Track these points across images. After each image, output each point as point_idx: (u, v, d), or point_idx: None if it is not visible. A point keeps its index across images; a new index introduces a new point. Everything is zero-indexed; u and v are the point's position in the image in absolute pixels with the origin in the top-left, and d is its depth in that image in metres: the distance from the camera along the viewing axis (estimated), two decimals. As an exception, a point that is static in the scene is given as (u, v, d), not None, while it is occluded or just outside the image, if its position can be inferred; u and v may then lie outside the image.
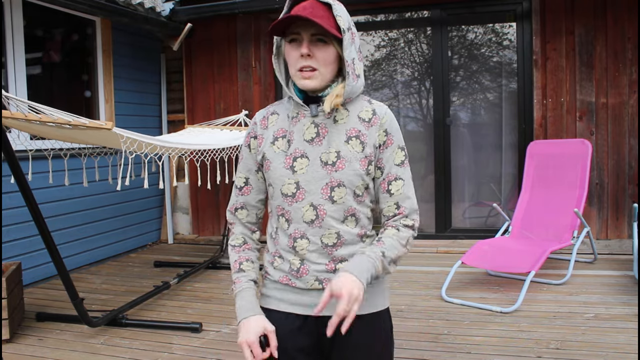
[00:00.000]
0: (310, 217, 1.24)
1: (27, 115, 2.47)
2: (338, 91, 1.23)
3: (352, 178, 1.23)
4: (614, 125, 4.59)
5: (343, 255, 1.25)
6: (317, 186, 1.23)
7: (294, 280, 1.27)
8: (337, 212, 1.24)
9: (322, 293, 1.23)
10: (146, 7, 4.73)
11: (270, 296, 1.32)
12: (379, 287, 1.31)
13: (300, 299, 1.28)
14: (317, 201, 1.23)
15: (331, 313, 1.22)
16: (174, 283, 3.84)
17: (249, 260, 1.33)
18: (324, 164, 1.23)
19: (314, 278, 1.26)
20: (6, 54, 3.84)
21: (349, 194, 1.24)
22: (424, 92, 5.27)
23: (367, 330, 1.28)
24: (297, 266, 1.26)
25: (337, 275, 1.15)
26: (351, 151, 1.23)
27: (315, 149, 1.24)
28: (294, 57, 1.21)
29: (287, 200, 1.25)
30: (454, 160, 5.12)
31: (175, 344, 2.89)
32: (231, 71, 5.47)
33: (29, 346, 2.88)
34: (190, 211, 5.69)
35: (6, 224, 3.80)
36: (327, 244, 1.24)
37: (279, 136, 1.28)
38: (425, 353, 2.66)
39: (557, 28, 4.66)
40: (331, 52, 1.22)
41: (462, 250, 4.35)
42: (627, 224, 4.60)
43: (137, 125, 5.01)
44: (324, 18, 1.18)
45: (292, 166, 1.24)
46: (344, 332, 1.11)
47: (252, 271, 1.32)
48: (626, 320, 2.97)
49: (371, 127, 1.26)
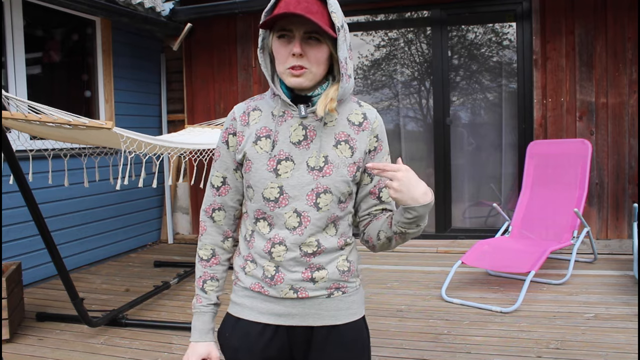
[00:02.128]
0: (293, 223, 1.17)
1: (27, 116, 2.47)
2: (332, 94, 1.16)
3: (339, 185, 1.17)
4: (614, 125, 4.59)
5: (321, 263, 1.19)
6: (303, 192, 1.16)
7: (267, 288, 1.20)
8: (321, 220, 1.17)
9: (296, 302, 1.20)
10: (146, 7, 4.73)
11: (240, 304, 1.25)
12: (356, 295, 1.26)
13: (272, 307, 1.21)
14: (302, 207, 1.16)
15: (303, 323, 1.21)
16: (174, 283, 3.84)
17: (214, 279, 1.27)
18: (310, 169, 1.16)
19: (289, 287, 1.19)
20: (6, 54, 3.84)
21: (334, 201, 1.17)
22: (424, 92, 5.27)
23: (343, 342, 1.22)
24: (271, 273, 1.19)
25: None
26: (339, 156, 1.17)
27: (302, 153, 1.17)
28: (284, 54, 1.13)
29: (269, 205, 1.18)
30: (454, 160, 5.12)
31: (175, 344, 2.89)
32: (231, 71, 5.47)
33: (29, 346, 2.88)
34: (190, 211, 5.69)
35: (6, 224, 3.80)
36: (306, 252, 1.18)
37: (262, 135, 1.19)
38: (425, 353, 2.66)
39: (557, 28, 4.66)
40: (324, 51, 1.14)
41: (462, 250, 4.36)
42: (627, 224, 4.60)
43: (137, 125, 5.01)
44: (318, 15, 1.09)
45: (276, 169, 1.16)
46: (370, 167, 1.07)
47: (214, 292, 1.28)
48: (626, 320, 2.97)
49: (362, 131, 1.20)
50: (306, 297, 1.20)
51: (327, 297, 1.21)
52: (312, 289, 1.20)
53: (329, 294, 1.21)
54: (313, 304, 1.21)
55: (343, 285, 1.23)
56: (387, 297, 3.55)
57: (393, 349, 2.70)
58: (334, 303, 1.22)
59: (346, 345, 1.22)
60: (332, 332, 1.21)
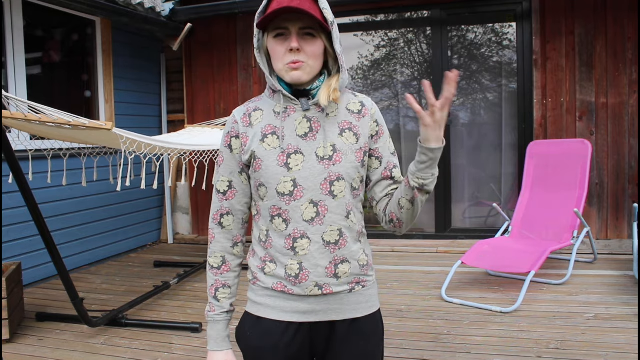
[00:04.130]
0: (311, 214, 1.18)
1: (27, 115, 2.47)
2: (334, 85, 1.20)
3: (350, 171, 1.20)
4: (614, 125, 4.59)
5: (344, 256, 1.21)
6: (316, 182, 1.18)
7: (291, 287, 1.21)
8: (339, 207, 1.20)
9: (320, 299, 1.22)
10: (146, 7, 4.73)
11: (261, 303, 1.25)
12: (373, 288, 1.30)
13: (296, 305, 1.22)
14: (318, 197, 1.19)
15: (326, 318, 1.23)
16: (174, 283, 3.84)
17: (226, 286, 1.28)
18: (320, 159, 1.19)
19: (314, 284, 1.20)
20: (6, 54, 3.84)
21: (347, 188, 1.21)
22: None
23: (363, 334, 1.25)
24: (295, 272, 1.20)
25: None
26: (346, 143, 1.21)
27: (310, 144, 1.19)
28: (281, 52, 1.16)
29: (284, 199, 1.19)
30: (454, 160, 5.12)
31: (175, 344, 2.89)
32: (231, 71, 5.47)
33: (29, 346, 2.88)
34: (190, 211, 5.69)
35: (6, 224, 3.80)
36: (329, 241, 1.19)
37: (268, 133, 1.21)
38: (425, 353, 2.66)
39: (557, 28, 4.66)
40: (319, 45, 1.18)
41: (462, 250, 4.36)
42: (627, 224, 4.60)
43: (137, 125, 5.02)
44: (312, 10, 1.13)
45: (287, 163, 1.18)
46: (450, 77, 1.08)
47: (226, 300, 1.28)
48: (626, 320, 2.97)
49: (362, 118, 1.25)
50: (330, 293, 1.22)
51: (349, 292, 1.24)
52: (336, 284, 1.22)
53: (350, 289, 1.24)
54: (336, 299, 1.23)
55: (363, 279, 1.26)
56: (387, 297, 3.55)
57: (393, 349, 2.70)
58: (355, 297, 1.25)
59: (365, 336, 1.26)
60: (353, 325, 1.24)
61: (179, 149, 3.39)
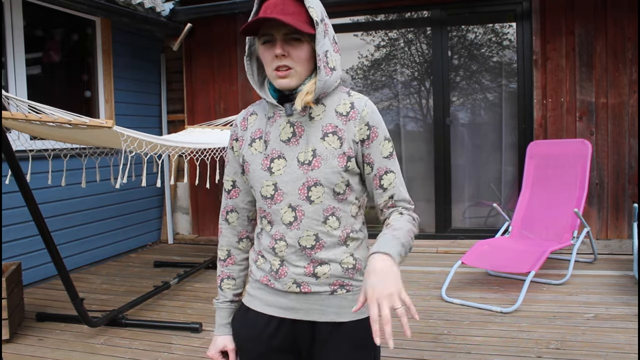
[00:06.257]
0: (289, 218, 1.21)
1: (27, 115, 2.47)
2: (308, 88, 1.18)
3: (329, 176, 1.18)
4: (614, 125, 4.59)
5: (322, 259, 1.21)
6: (295, 187, 1.19)
7: (273, 281, 1.25)
8: (316, 212, 1.19)
9: (300, 297, 1.24)
10: (146, 7, 4.73)
11: (252, 295, 1.31)
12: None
13: (278, 300, 1.26)
14: (295, 202, 1.20)
15: (307, 318, 1.23)
16: (174, 283, 3.84)
17: (230, 277, 1.36)
18: (300, 164, 1.19)
19: (292, 281, 1.22)
20: (6, 54, 3.84)
21: (327, 193, 1.19)
22: (424, 92, 5.27)
23: (350, 339, 1.23)
24: (276, 267, 1.24)
25: (368, 262, 1.06)
26: (327, 148, 1.19)
27: (292, 149, 1.21)
28: (268, 58, 1.17)
29: (266, 203, 1.23)
30: (454, 160, 5.12)
31: (175, 344, 2.89)
32: (231, 71, 5.47)
33: (29, 346, 2.88)
34: (190, 211, 5.69)
35: (6, 224, 3.80)
36: (304, 246, 1.20)
37: (256, 137, 1.25)
38: (425, 353, 2.66)
39: (557, 28, 4.66)
40: (305, 49, 1.17)
41: (462, 250, 4.35)
42: (627, 224, 4.60)
43: (137, 125, 4.99)
44: (295, 14, 1.13)
45: (270, 167, 1.22)
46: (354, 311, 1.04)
47: (230, 291, 1.36)
48: (626, 320, 2.97)
49: (349, 121, 1.20)
50: (309, 292, 1.23)
51: (330, 294, 1.23)
52: (315, 284, 1.22)
53: (332, 291, 1.23)
54: (316, 299, 1.23)
55: (347, 283, 1.23)
56: (387, 297, 3.54)
57: (393, 349, 2.70)
58: (337, 300, 1.23)
59: (354, 343, 1.23)
60: (338, 328, 1.23)
61: (179, 147, 3.39)
